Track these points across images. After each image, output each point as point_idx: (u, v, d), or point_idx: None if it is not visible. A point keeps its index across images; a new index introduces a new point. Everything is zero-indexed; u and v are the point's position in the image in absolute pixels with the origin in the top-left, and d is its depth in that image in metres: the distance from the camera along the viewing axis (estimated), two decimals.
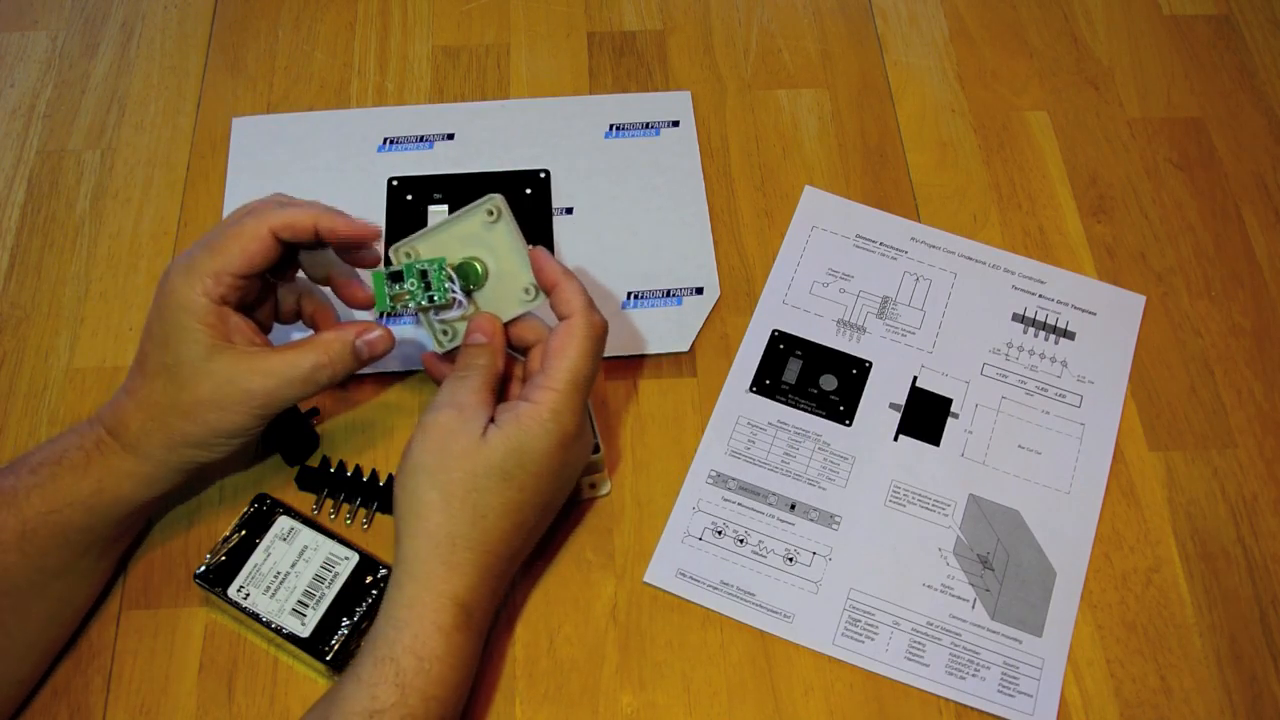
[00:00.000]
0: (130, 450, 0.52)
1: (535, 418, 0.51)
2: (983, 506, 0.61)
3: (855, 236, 0.70)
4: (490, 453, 0.50)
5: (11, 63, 0.75)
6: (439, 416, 0.51)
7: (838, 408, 0.64)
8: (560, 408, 0.51)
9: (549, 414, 0.51)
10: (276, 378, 0.52)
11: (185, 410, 0.51)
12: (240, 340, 0.52)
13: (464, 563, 0.49)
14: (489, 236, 0.55)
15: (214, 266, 0.51)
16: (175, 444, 0.52)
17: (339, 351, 0.53)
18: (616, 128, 0.73)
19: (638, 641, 0.57)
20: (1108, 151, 0.74)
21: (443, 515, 0.49)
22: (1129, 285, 0.69)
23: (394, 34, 0.77)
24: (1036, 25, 0.79)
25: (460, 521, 0.50)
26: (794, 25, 0.79)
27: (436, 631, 0.48)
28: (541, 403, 0.51)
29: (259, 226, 0.52)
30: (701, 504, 0.61)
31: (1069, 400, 0.64)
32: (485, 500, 0.50)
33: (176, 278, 0.51)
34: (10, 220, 0.69)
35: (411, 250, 0.55)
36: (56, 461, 0.51)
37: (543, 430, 0.51)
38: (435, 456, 0.50)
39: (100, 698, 0.55)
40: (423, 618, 0.48)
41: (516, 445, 0.50)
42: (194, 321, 0.51)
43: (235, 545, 0.57)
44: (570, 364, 0.52)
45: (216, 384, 0.51)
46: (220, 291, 0.51)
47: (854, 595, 0.59)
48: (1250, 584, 0.60)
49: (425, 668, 0.47)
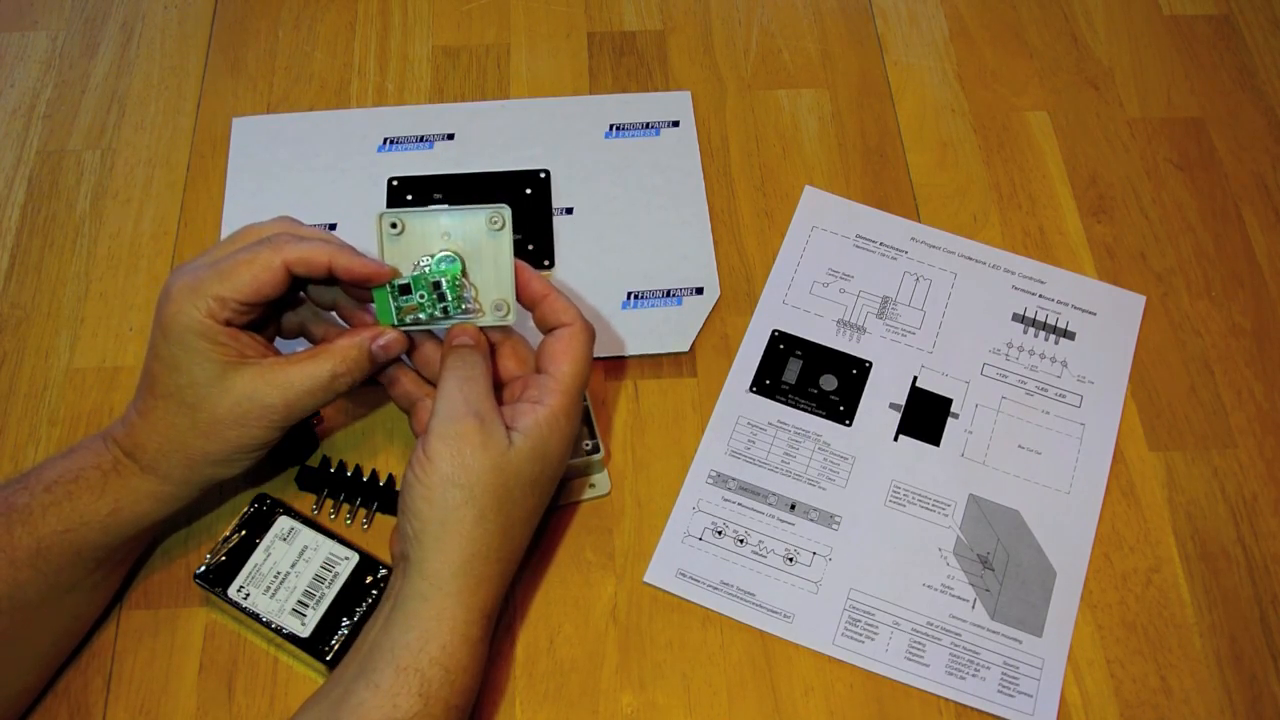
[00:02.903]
0: (149, 471, 0.52)
1: (552, 422, 0.51)
2: (983, 506, 0.61)
3: (855, 236, 0.70)
4: (520, 462, 0.50)
5: (11, 63, 0.75)
6: (463, 427, 0.49)
7: (838, 408, 0.64)
8: (570, 409, 0.52)
9: (564, 417, 0.52)
10: (295, 389, 0.51)
11: (204, 430, 0.51)
12: (253, 355, 0.52)
13: (493, 575, 0.50)
14: (480, 241, 0.54)
15: (220, 291, 0.50)
16: (196, 463, 0.52)
17: (356, 358, 0.52)
18: (616, 128, 0.73)
19: (638, 641, 0.57)
20: (1108, 151, 0.74)
21: (478, 529, 0.49)
22: (1129, 285, 0.69)
23: (394, 34, 0.77)
24: (1036, 25, 0.79)
25: (494, 535, 0.50)
26: (794, 25, 0.79)
27: (465, 644, 0.48)
28: (556, 406, 0.51)
29: (273, 258, 0.50)
30: (701, 504, 0.61)
31: (1069, 400, 0.64)
32: (514, 511, 0.50)
33: (181, 299, 0.50)
34: (10, 220, 0.69)
35: (399, 221, 0.53)
36: (73, 480, 0.51)
37: (559, 434, 0.52)
38: (466, 470, 0.49)
39: (100, 698, 0.55)
40: (454, 630, 0.48)
41: (541, 451, 0.51)
42: (204, 343, 0.50)
43: (235, 545, 0.57)
44: (575, 367, 0.53)
45: (235, 401, 0.50)
46: (225, 315, 0.50)
47: (854, 595, 0.59)
48: (1250, 584, 0.60)
49: (451, 679, 0.47)
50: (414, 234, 0.54)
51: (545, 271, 0.67)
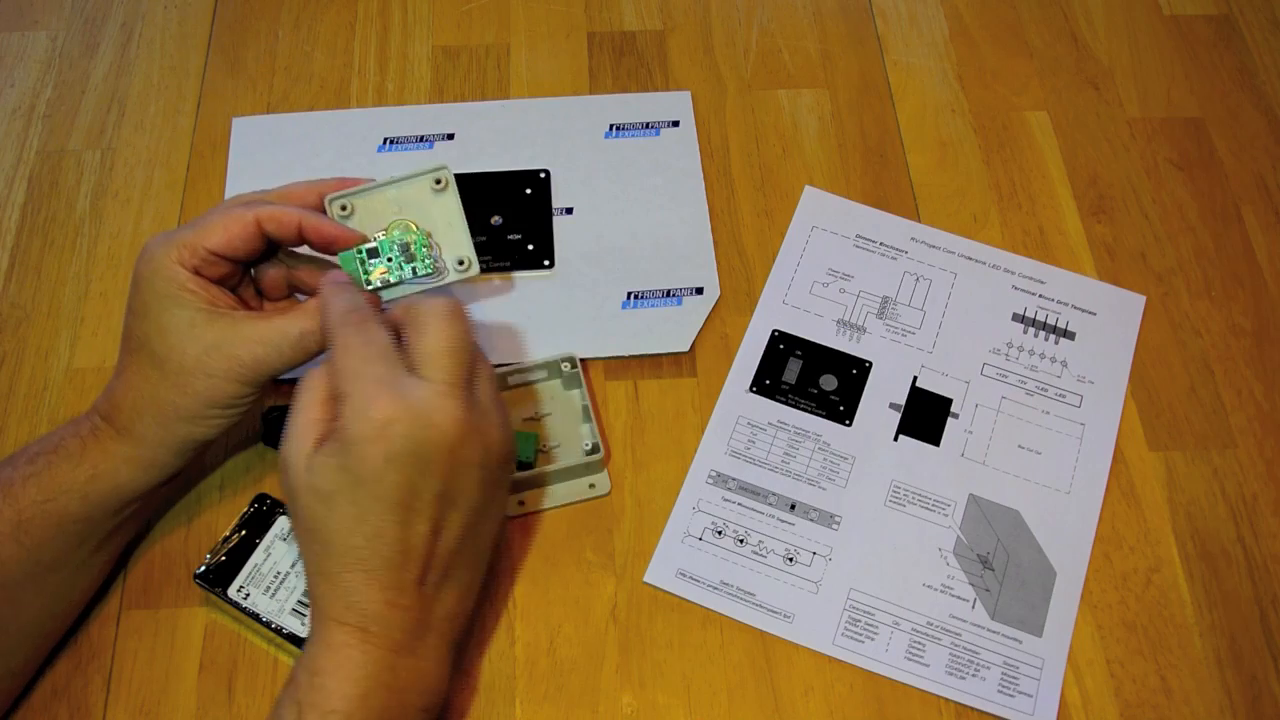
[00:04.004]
0: (124, 433, 0.52)
1: (348, 420, 0.46)
2: (983, 506, 0.61)
3: (855, 236, 0.70)
4: (299, 472, 0.47)
5: (11, 63, 0.75)
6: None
7: (838, 408, 0.64)
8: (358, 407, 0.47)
9: (351, 412, 0.46)
10: (265, 345, 0.51)
11: (173, 381, 0.51)
12: (223, 306, 0.52)
13: (323, 573, 0.47)
14: (429, 205, 0.54)
15: (191, 239, 0.51)
16: (167, 419, 0.51)
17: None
18: (616, 128, 0.73)
19: (638, 641, 0.57)
20: (1108, 151, 0.74)
21: (302, 542, 0.48)
22: (1129, 285, 0.69)
23: (394, 34, 0.77)
24: (1036, 25, 0.79)
25: (309, 545, 0.48)
26: (794, 25, 0.79)
27: (325, 648, 0.47)
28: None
29: (245, 213, 0.52)
30: (701, 504, 0.61)
31: (1069, 400, 0.64)
32: (317, 516, 0.47)
33: (154, 248, 0.51)
34: (10, 220, 0.69)
35: (348, 204, 0.54)
36: (52, 451, 0.51)
37: (349, 435, 0.46)
38: (282, 487, 0.48)
39: (100, 698, 0.55)
40: (312, 636, 0.47)
41: (327, 459, 0.46)
42: (173, 288, 0.50)
43: (235, 545, 0.57)
44: (326, 367, 0.49)
45: (204, 349, 0.50)
46: (194, 263, 0.51)
47: (854, 595, 0.59)
48: (1250, 584, 0.60)
49: (318, 683, 0.46)
50: (365, 212, 0.54)
51: (545, 272, 0.67)
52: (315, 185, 0.55)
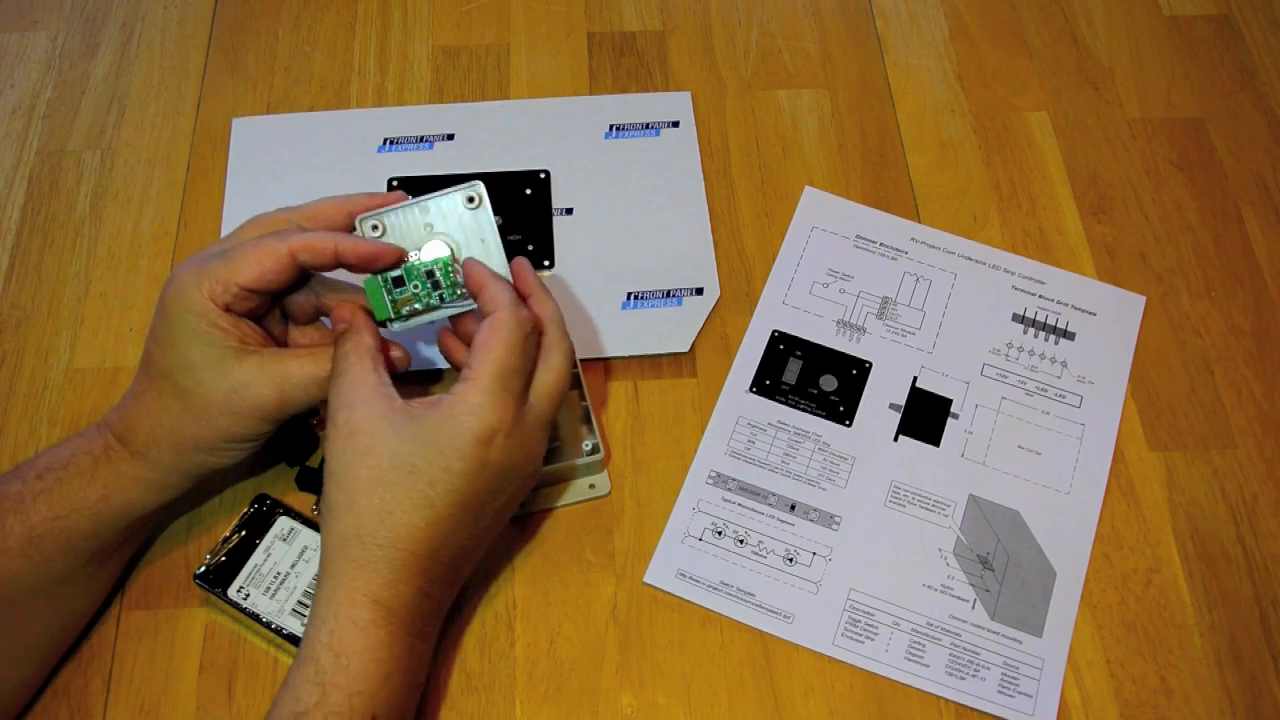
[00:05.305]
0: (138, 456, 0.51)
1: (449, 412, 0.49)
2: (983, 507, 0.61)
3: (855, 237, 0.70)
4: (398, 445, 0.48)
5: (11, 63, 0.75)
6: (337, 418, 0.49)
7: (838, 408, 0.64)
8: (480, 402, 0.49)
9: (465, 408, 0.48)
10: (291, 384, 0.51)
11: (196, 415, 0.51)
12: (253, 344, 0.51)
13: (375, 560, 0.48)
14: (464, 222, 0.54)
15: (224, 274, 0.50)
16: (184, 449, 0.51)
17: None
18: (616, 128, 0.73)
19: (638, 642, 0.57)
20: (1108, 152, 0.74)
21: (349, 514, 0.48)
22: (1129, 285, 0.69)
23: (394, 34, 0.77)
24: (1036, 25, 0.79)
25: (366, 518, 0.48)
26: (794, 25, 0.79)
27: (352, 627, 0.47)
28: (459, 395, 0.49)
29: (278, 245, 0.50)
30: (701, 504, 0.61)
31: (1069, 400, 0.65)
32: (392, 496, 0.48)
33: (184, 278, 0.50)
34: (10, 220, 0.69)
35: (380, 223, 0.53)
36: (63, 467, 0.51)
37: (457, 425, 0.48)
38: (339, 460, 0.49)
39: (100, 698, 0.55)
40: (337, 614, 0.47)
41: (427, 439, 0.48)
42: (202, 324, 0.50)
43: (235, 546, 0.57)
44: (494, 357, 0.49)
45: (231, 389, 0.50)
46: (226, 300, 0.50)
47: (854, 596, 0.59)
48: (1250, 584, 0.60)
49: (343, 664, 0.46)
50: (397, 231, 0.54)
51: (545, 273, 0.67)
52: (344, 203, 0.54)
